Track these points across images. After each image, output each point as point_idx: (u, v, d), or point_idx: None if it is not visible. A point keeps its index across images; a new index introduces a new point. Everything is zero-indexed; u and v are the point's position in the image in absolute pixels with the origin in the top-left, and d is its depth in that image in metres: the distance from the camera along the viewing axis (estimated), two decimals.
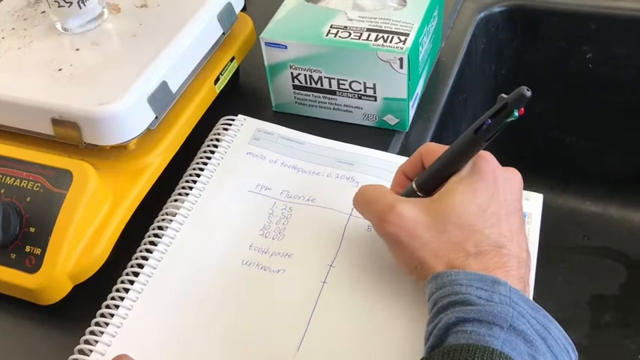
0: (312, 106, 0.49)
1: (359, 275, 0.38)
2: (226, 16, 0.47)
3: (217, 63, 0.47)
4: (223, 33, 0.47)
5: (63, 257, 0.37)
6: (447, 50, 0.55)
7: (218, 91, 0.47)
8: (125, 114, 0.39)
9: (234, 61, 0.49)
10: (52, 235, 0.37)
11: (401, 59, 0.43)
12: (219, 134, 0.46)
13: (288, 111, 0.50)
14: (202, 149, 0.45)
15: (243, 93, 0.53)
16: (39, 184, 0.39)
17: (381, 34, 0.44)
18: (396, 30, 0.44)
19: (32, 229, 0.38)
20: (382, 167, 0.43)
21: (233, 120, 0.47)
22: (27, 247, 0.37)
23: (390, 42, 0.44)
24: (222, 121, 0.47)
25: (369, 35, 0.44)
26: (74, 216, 0.37)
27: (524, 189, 0.37)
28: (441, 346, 0.29)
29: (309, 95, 0.48)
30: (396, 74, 0.44)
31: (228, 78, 0.48)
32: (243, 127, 0.47)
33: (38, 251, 0.37)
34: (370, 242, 0.39)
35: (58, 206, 0.38)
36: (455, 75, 0.54)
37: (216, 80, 0.47)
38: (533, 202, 0.41)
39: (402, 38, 0.44)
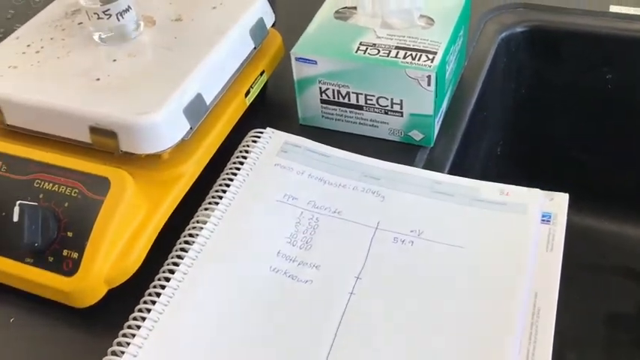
0: (339, 120, 0.50)
1: (386, 287, 0.39)
2: (258, 31, 0.48)
3: (248, 76, 0.48)
4: (254, 47, 0.48)
5: (99, 261, 0.38)
6: (470, 69, 0.56)
7: (248, 104, 0.48)
8: (162, 124, 0.40)
9: (264, 74, 0.50)
10: (89, 240, 0.38)
11: (429, 77, 0.44)
12: (248, 146, 0.47)
13: (314, 124, 0.51)
14: (232, 160, 0.47)
15: (270, 106, 0.54)
16: (77, 190, 0.40)
17: (409, 52, 0.45)
18: (424, 48, 0.46)
19: (70, 234, 0.39)
20: (408, 182, 0.44)
21: (262, 133, 0.48)
22: (64, 250, 0.39)
23: (419, 60, 0.45)
24: (251, 133, 0.48)
25: (397, 53, 0.46)
26: (111, 222, 0.38)
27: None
28: None
29: (336, 109, 0.49)
30: (423, 91, 0.45)
31: (258, 91, 0.50)
32: (271, 140, 0.48)
33: (75, 255, 0.38)
34: (396, 255, 0.40)
35: (96, 212, 0.39)
36: (477, 93, 0.55)
37: (247, 93, 0.48)
38: (559, 203, 0.42)
39: (430, 56, 0.45)
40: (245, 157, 0.47)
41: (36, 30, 0.49)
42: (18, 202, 0.39)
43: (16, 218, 0.39)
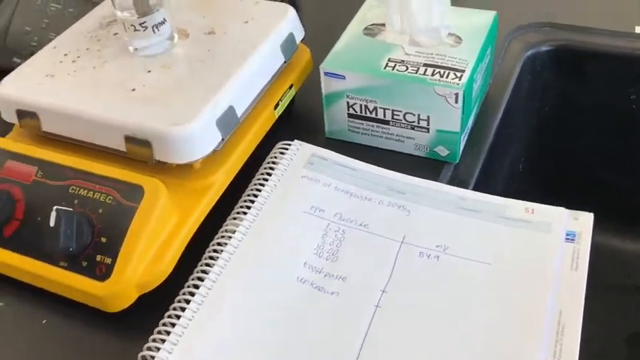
0: (365, 134, 0.51)
1: (411, 301, 0.39)
2: (288, 46, 0.49)
3: (278, 90, 0.49)
4: (284, 61, 0.49)
5: (132, 267, 0.39)
6: (495, 86, 0.57)
7: (277, 116, 0.49)
8: (196, 135, 0.41)
9: (293, 88, 0.51)
10: (122, 246, 0.39)
11: (456, 94, 0.45)
12: (276, 157, 0.48)
13: (340, 138, 0.52)
14: (260, 171, 0.47)
15: (297, 118, 0.55)
16: (111, 197, 0.41)
17: (437, 70, 0.46)
18: (452, 66, 0.46)
19: (103, 239, 0.40)
20: (434, 197, 0.45)
21: (289, 145, 0.49)
22: (98, 256, 0.40)
23: (447, 77, 0.46)
24: (279, 145, 0.49)
25: (425, 70, 0.46)
26: (144, 229, 0.39)
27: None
28: None
29: (362, 124, 0.50)
30: (450, 108, 0.46)
31: (286, 104, 0.51)
32: (298, 152, 0.49)
33: (108, 260, 0.39)
34: (422, 269, 0.41)
35: (129, 219, 0.40)
36: (502, 111, 0.55)
37: (276, 106, 0.49)
38: (584, 222, 0.42)
39: (458, 74, 0.46)
40: (273, 169, 0.48)
41: (72, 40, 0.50)
42: (55, 208, 0.40)
43: (52, 223, 0.40)
